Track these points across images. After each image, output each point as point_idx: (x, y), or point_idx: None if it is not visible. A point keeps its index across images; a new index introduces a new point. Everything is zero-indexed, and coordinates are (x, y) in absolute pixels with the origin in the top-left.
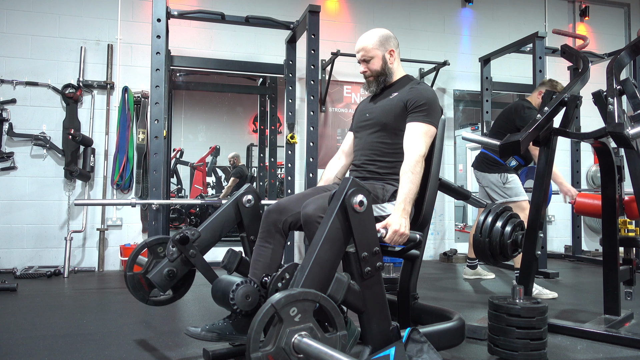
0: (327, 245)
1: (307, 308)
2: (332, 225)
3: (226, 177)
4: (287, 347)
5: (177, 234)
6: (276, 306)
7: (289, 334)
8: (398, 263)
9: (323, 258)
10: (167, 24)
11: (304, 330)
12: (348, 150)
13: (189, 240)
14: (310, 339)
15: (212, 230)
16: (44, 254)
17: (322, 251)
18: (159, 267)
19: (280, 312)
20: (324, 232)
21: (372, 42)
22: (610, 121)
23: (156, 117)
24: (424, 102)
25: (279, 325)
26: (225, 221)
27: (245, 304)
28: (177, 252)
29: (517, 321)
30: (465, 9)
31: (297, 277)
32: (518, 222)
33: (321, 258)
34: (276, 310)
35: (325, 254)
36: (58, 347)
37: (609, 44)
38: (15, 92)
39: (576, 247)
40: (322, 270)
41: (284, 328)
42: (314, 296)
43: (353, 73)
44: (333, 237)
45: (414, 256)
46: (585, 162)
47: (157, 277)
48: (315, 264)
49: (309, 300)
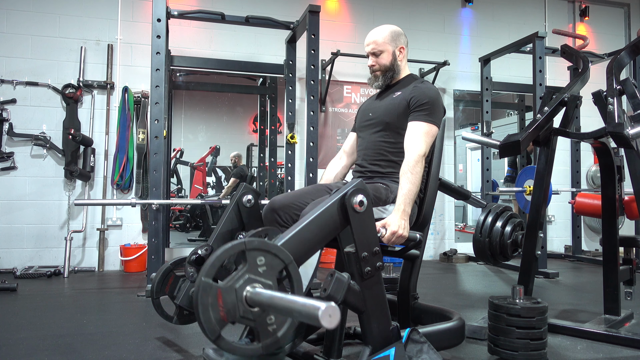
0: (313, 225)
1: (274, 265)
2: (326, 211)
3: (226, 177)
4: (239, 291)
5: (191, 255)
6: (247, 245)
7: (247, 280)
8: (398, 263)
9: (305, 236)
10: (167, 24)
11: (263, 285)
12: (349, 150)
13: (204, 260)
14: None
15: (223, 241)
16: (44, 254)
17: (306, 229)
18: (184, 291)
19: (248, 254)
20: (314, 214)
21: (384, 36)
22: (610, 121)
23: (156, 117)
24: (426, 101)
25: (241, 267)
26: (232, 228)
27: None
28: (196, 271)
29: (517, 321)
30: (465, 9)
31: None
32: (518, 222)
33: (303, 234)
34: (245, 249)
35: (308, 232)
36: (58, 347)
37: (609, 44)
38: (15, 92)
39: (576, 247)
40: (300, 245)
41: (244, 271)
42: (285, 257)
43: (353, 73)
44: (322, 223)
45: (414, 256)
46: (585, 162)
47: (186, 301)
48: (296, 236)
49: (279, 258)
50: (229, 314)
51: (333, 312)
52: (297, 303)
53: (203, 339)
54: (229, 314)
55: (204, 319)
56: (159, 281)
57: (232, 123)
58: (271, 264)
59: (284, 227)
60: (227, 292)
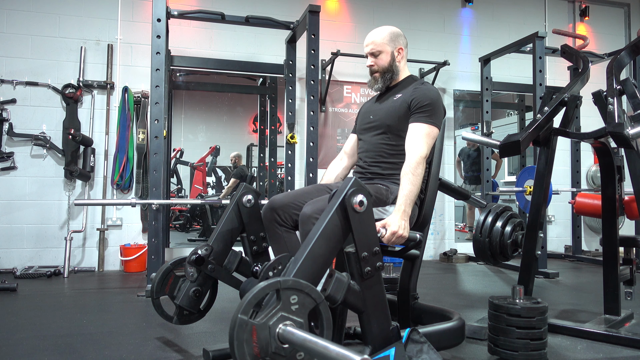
0: (322, 240)
1: (306, 303)
2: (330, 222)
3: (226, 177)
4: (272, 329)
5: (191, 255)
6: (282, 285)
7: (280, 318)
8: (398, 263)
9: (317, 252)
10: (167, 24)
11: (295, 322)
12: (350, 152)
13: (204, 260)
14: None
15: (223, 241)
16: (44, 254)
17: (317, 245)
18: (184, 291)
19: (282, 293)
20: (320, 227)
21: (382, 37)
22: (610, 121)
23: (156, 117)
24: (427, 102)
25: (274, 305)
26: (232, 228)
27: None
28: (196, 271)
29: (517, 321)
30: (465, 9)
31: (289, 268)
32: (518, 222)
33: (315, 252)
34: (280, 288)
35: (319, 248)
36: (58, 347)
37: (609, 44)
38: (15, 92)
39: (576, 247)
40: (314, 264)
41: (278, 309)
42: (317, 296)
43: (353, 73)
44: (329, 234)
45: (414, 256)
46: (585, 162)
47: (186, 301)
48: (309, 257)
49: (311, 297)
50: (262, 350)
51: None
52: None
53: (203, 339)
54: (262, 350)
55: (238, 355)
56: (159, 281)
57: (232, 123)
58: (303, 303)
59: (283, 226)
60: (262, 329)
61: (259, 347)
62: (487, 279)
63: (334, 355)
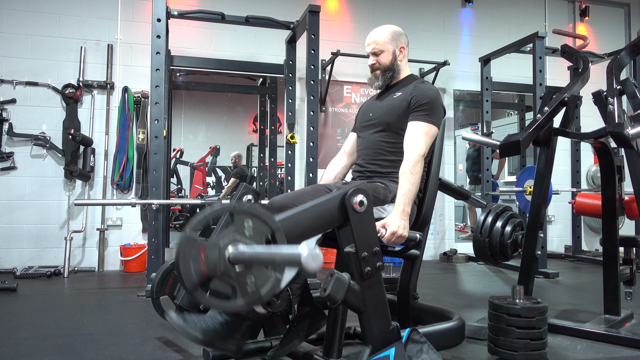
0: (310, 212)
1: (261, 230)
2: (325, 203)
3: (226, 177)
4: (222, 249)
5: None
6: (236, 209)
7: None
8: (398, 263)
9: (299, 219)
10: (167, 24)
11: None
12: (349, 151)
13: None
14: (245, 247)
15: None
16: (44, 254)
17: (303, 214)
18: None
19: (236, 215)
20: (314, 202)
21: (384, 36)
22: (610, 121)
23: (156, 117)
24: (426, 101)
25: (228, 227)
26: None
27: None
28: None
29: (517, 321)
30: (465, 9)
31: None
32: (518, 222)
33: (298, 218)
34: (234, 211)
35: (304, 218)
36: (58, 347)
37: (609, 44)
38: (15, 92)
39: (576, 247)
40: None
41: (230, 231)
42: (274, 224)
43: (353, 73)
44: (319, 212)
45: (414, 256)
46: (585, 162)
47: (186, 301)
48: (291, 217)
49: (267, 224)
50: (210, 268)
51: (315, 256)
52: (281, 250)
53: None
54: (209, 269)
55: (183, 269)
56: (159, 281)
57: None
58: (258, 229)
59: None
60: (210, 248)
61: (207, 266)
62: (487, 279)
63: (284, 254)
